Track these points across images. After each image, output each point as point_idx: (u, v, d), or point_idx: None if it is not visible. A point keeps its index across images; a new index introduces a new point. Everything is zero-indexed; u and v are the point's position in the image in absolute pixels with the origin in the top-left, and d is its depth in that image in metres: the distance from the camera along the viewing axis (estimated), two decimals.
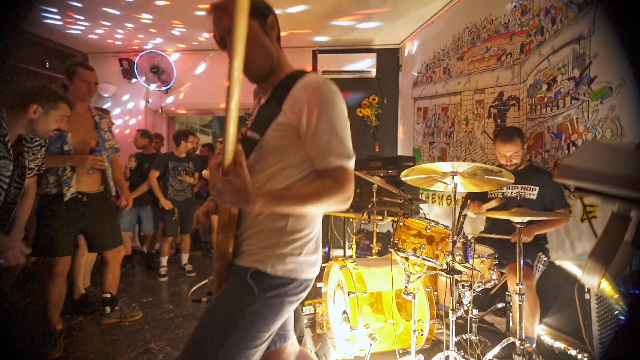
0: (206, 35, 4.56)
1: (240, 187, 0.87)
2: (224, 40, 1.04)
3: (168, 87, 5.11)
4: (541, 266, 2.26)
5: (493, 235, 2.32)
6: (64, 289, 2.35)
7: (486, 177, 1.90)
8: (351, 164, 0.97)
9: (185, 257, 4.16)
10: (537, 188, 2.33)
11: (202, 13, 3.90)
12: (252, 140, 1.02)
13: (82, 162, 2.26)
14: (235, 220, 1.01)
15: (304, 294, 1.05)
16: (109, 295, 2.67)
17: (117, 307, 2.71)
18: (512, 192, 2.45)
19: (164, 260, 4.01)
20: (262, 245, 0.99)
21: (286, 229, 1.00)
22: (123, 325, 2.70)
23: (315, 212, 1.01)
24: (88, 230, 2.44)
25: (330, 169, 0.95)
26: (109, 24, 4.24)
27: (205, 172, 4.10)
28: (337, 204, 0.94)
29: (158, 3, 3.71)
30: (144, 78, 5.01)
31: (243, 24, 0.78)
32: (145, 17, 4.08)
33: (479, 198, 2.59)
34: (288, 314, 1.05)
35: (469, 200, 2.62)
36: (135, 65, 5.03)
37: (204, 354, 0.91)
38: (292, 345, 1.23)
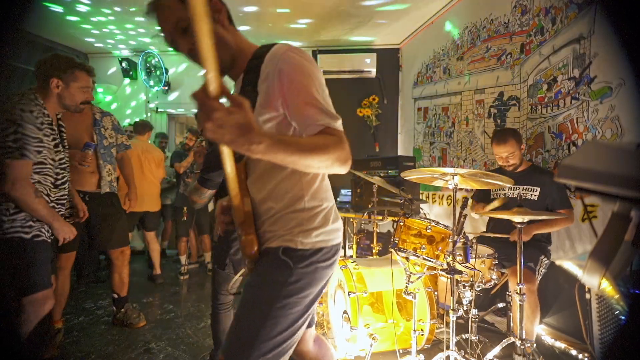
0: None
1: (245, 120, 0.71)
2: (174, 41, 0.99)
3: (159, 88, 5.13)
4: (543, 270, 2.26)
5: (492, 234, 2.32)
6: (67, 286, 2.36)
7: (484, 180, 1.90)
8: (338, 124, 0.91)
9: (208, 257, 4.27)
10: (539, 189, 2.33)
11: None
12: None
13: (70, 158, 2.21)
14: (251, 218, 1.03)
15: (336, 257, 1.08)
16: (116, 296, 2.67)
17: (122, 310, 2.69)
18: (513, 193, 2.45)
19: (183, 259, 4.09)
20: (287, 227, 1.01)
21: (305, 207, 1.01)
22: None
23: (316, 167, 0.88)
24: (91, 228, 2.45)
25: (318, 132, 0.89)
26: (110, 24, 4.25)
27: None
28: (339, 161, 0.87)
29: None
30: (144, 78, 5.02)
31: (203, 17, 0.62)
32: (145, 18, 4.08)
33: (482, 199, 2.59)
34: (325, 278, 1.07)
35: (470, 200, 2.63)
36: (135, 65, 5.04)
37: (253, 326, 0.95)
38: (313, 328, 1.30)
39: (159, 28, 1.00)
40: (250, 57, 1.02)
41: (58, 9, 3.84)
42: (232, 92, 0.74)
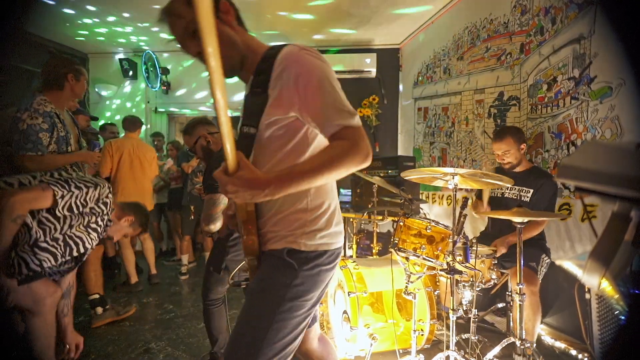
0: None
1: (250, 178, 0.83)
2: (185, 45, 1.00)
3: (157, 88, 5.13)
4: (544, 270, 2.26)
5: (493, 214, 2.29)
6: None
7: (484, 180, 1.90)
8: (355, 120, 0.91)
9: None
10: (532, 190, 2.33)
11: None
12: (249, 135, 1.00)
13: (89, 157, 2.21)
14: (253, 216, 1.04)
15: (338, 260, 1.09)
16: (97, 296, 2.64)
17: (108, 307, 2.67)
18: (509, 193, 2.46)
19: (185, 259, 4.07)
20: (290, 227, 1.01)
21: (308, 208, 1.02)
22: (123, 325, 2.70)
23: (334, 179, 0.93)
24: None
25: (335, 132, 0.90)
26: (111, 25, 4.25)
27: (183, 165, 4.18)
28: (355, 164, 0.89)
29: (156, 6, 3.72)
30: (144, 78, 5.03)
31: (209, 23, 0.63)
32: (145, 19, 4.08)
33: (478, 196, 2.60)
34: (327, 280, 1.08)
35: (470, 201, 2.63)
36: (135, 65, 5.04)
37: (258, 331, 0.96)
38: (317, 326, 1.31)
39: (171, 36, 1.01)
40: (261, 59, 1.00)
41: (60, 9, 3.84)
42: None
